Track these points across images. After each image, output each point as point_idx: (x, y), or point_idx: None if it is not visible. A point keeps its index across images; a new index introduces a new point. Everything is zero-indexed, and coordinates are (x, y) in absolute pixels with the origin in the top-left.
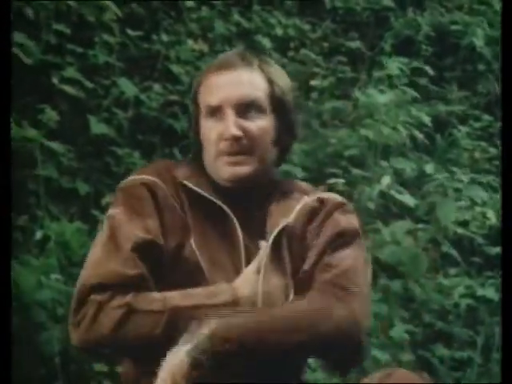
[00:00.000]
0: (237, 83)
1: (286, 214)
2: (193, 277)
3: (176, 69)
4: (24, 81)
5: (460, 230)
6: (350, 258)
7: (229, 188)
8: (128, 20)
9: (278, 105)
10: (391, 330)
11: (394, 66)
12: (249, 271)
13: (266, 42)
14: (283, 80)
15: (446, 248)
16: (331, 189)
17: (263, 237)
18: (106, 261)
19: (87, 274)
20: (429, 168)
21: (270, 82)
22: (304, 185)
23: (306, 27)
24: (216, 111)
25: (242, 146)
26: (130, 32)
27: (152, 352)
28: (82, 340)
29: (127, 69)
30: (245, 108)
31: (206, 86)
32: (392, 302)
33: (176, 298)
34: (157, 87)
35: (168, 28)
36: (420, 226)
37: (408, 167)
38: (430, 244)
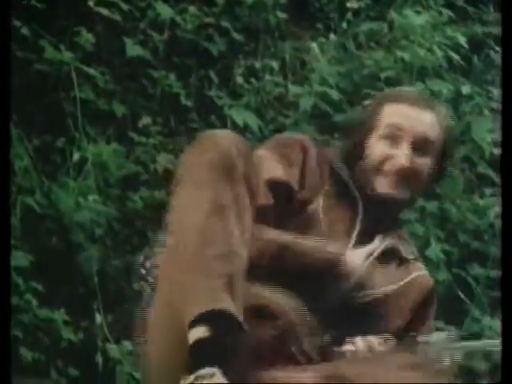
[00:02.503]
0: (421, 121)
1: None
2: (309, 229)
3: None
4: (60, 4)
5: (496, 151)
6: None
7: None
8: None
9: (443, 149)
10: (427, 250)
11: None
12: (362, 251)
13: None
14: (451, 127)
15: (482, 168)
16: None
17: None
18: None
19: None
20: (465, 89)
21: (442, 127)
22: None
23: None
24: (393, 136)
25: (403, 176)
26: None
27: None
28: None
29: None
30: (419, 145)
31: (390, 110)
32: (428, 222)
33: (289, 238)
34: (192, 9)
35: None
36: None
37: (444, 88)
38: (466, 164)
